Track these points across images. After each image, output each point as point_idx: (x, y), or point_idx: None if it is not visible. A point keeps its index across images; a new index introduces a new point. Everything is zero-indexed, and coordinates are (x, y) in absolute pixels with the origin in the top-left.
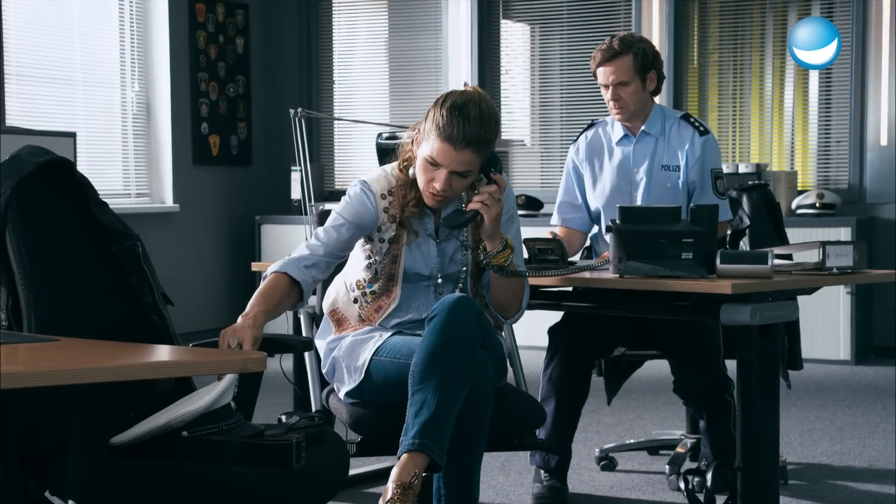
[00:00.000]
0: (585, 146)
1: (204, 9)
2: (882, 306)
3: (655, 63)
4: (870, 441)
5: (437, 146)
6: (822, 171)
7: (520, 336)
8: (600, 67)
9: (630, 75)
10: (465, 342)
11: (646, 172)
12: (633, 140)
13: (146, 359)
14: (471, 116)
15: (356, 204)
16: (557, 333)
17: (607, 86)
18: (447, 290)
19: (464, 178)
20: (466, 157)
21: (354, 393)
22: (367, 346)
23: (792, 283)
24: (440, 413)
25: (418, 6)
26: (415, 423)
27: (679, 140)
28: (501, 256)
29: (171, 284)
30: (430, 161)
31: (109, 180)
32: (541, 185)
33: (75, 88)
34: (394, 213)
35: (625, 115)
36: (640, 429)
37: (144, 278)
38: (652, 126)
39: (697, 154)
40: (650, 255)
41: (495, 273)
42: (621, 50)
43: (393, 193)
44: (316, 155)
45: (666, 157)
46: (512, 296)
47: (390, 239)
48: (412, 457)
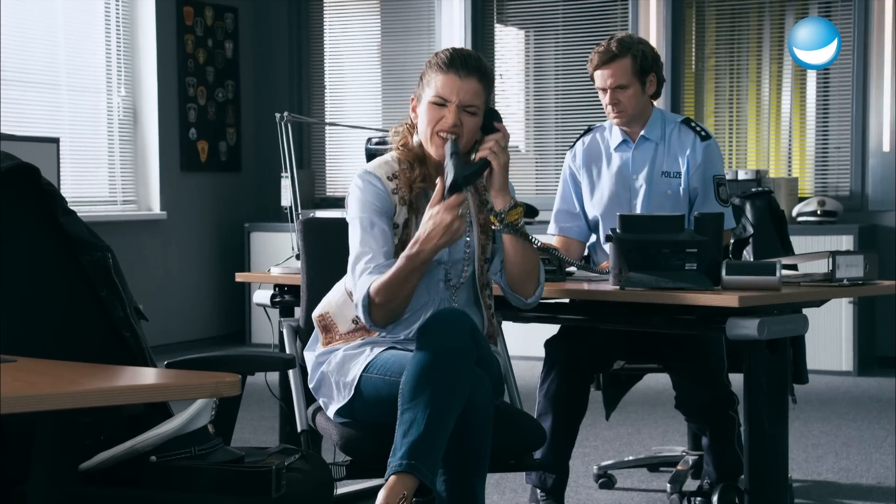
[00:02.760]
0: (583, 152)
1: (192, 12)
2: (885, 316)
3: (655, 66)
4: (877, 457)
5: (441, 80)
6: (821, 178)
7: (512, 347)
8: (598, 70)
9: (629, 78)
10: (457, 357)
11: (645, 179)
12: (631, 146)
13: (110, 383)
14: (469, 51)
15: (369, 196)
16: (555, 347)
17: (605, 89)
18: (454, 273)
19: (472, 116)
20: (472, 85)
21: (344, 411)
22: (357, 361)
23: (801, 296)
24: (430, 433)
25: (411, 9)
26: (403, 444)
27: (680, 146)
28: (514, 213)
29: (157, 294)
30: (437, 100)
31: (95, 187)
32: (536, 193)
33: (60, 93)
34: (402, 194)
35: (623, 119)
36: (638, 444)
37: (115, 292)
38: (651, 131)
39: (699, 160)
40: (652, 266)
41: (510, 233)
42: (620, 52)
43: (397, 176)
44: (307, 161)
45: (666, 163)
46: (530, 267)
47: (403, 223)
48: (400, 479)
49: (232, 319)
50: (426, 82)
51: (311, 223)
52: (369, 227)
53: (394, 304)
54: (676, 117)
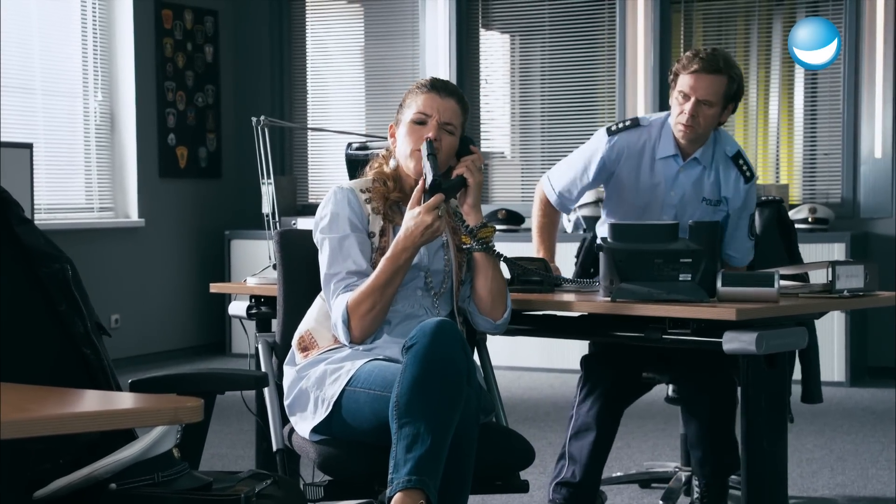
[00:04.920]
0: (626, 147)
1: (171, 15)
2: (877, 326)
3: (738, 97)
4: (873, 472)
5: (422, 99)
6: (809, 185)
7: (497, 357)
8: (691, 75)
9: (718, 98)
10: (452, 367)
11: (681, 199)
12: (680, 162)
13: (60, 409)
14: (446, 80)
15: (340, 207)
16: (597, 364)
17: (689, 97)
18: (436, 281)
19: (450, 135)
20: (452, 105)
21: (321, 428)
22: (339, 375)
23: (801, 308)
24: (435, 447)
25: (395, 13)
26: (408, 459)
27: (725, 180)
28: (486, 231)
29: (135, 303)
30: (418, 118)
31: (71, 194)
32: (521, 199)
33: (34, 98)
34: (376, 205)
35: (691, 135)
36: (628, 458)
37: (75, 306)
38: (703, 156)
39: (741, 202)
40: (644, 277)
41: (481, 251)
42: (724, 68)
43: (371, 190)
44: (289, 167)
45: (708, 190)
46: (498, 287)
47: (379, 232)
48: (409, 495)
49: (211, 330)
50: (406, 106)
51: (288, 235)
52: (338, 245)
53: (374, 312)
54: (727, 147)
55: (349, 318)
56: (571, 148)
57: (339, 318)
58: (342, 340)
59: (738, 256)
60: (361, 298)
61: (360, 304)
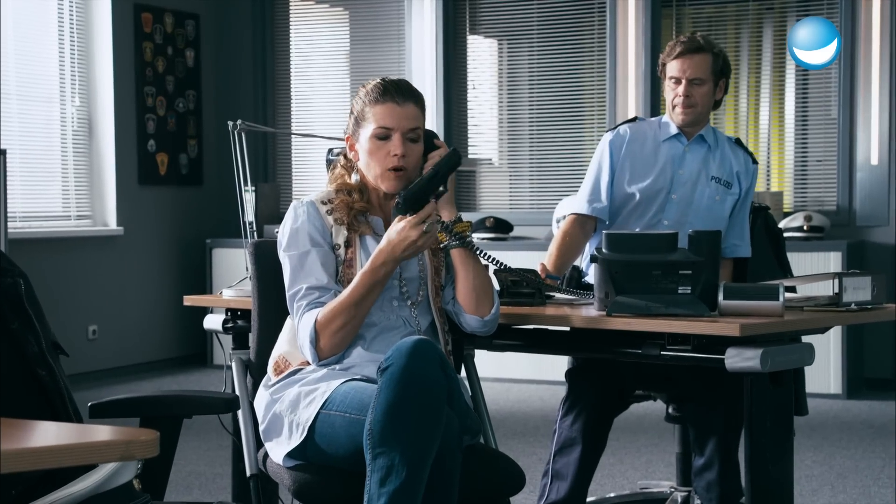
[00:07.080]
0: (629, 130)
1: (151, 18)
2: (873, 337)
3: (728, 72)
4: (875, 490)
5: (379, 111)
6: (800, 192)
7: (484, 369)
8: (676, 60)
9: (707, 74)
10: (430, 392)
11: (691, 178)
12: (684, 141)
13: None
14: (397, 79)
15: (301, 223)
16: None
17: (680, 80)
18: (412, 289)
19: (415, 143)
20: (411, 110)
21: (296, 453)
22: (313, 397)
23: (808, 323)
24: (411, 480)
25: (380, 17)
26: (381, 494)
27: (734, 159)
28: (462, 225)
29: (114, 314)
30: (379, 133)
31: (48, 201)
32: (510, 207)
33: (9, 103)
34: (339, 216)
35: (690, 116)
36: (621, 475)
37: (29, 324)
38: (707, 135)
39: (748, 184)
40: (642, 290)
41: (459, 247)
42: (705, 46)
43: (332, 201)
44: (272, 174)
45: (717, 169)
46: (481, 282)
47: (344, 243)
48: None
49: (192, 341)
50: (361, 117)
51: (263, 246)
52: (298, 262)
53: (346, 329)
54: (726, 135)
55: (317, 335)
56: (560, 154)
57: (306, 337)
58: (309, 360)
59: (741, 244)
60: (333, 315)
61: (331, 320)
